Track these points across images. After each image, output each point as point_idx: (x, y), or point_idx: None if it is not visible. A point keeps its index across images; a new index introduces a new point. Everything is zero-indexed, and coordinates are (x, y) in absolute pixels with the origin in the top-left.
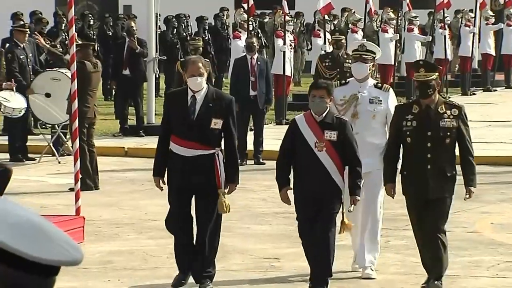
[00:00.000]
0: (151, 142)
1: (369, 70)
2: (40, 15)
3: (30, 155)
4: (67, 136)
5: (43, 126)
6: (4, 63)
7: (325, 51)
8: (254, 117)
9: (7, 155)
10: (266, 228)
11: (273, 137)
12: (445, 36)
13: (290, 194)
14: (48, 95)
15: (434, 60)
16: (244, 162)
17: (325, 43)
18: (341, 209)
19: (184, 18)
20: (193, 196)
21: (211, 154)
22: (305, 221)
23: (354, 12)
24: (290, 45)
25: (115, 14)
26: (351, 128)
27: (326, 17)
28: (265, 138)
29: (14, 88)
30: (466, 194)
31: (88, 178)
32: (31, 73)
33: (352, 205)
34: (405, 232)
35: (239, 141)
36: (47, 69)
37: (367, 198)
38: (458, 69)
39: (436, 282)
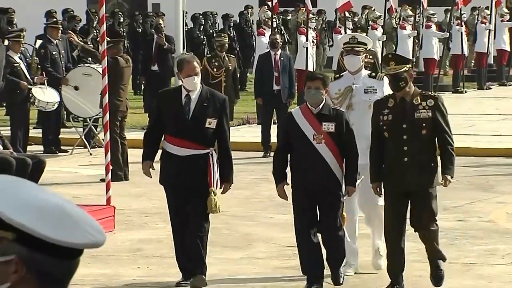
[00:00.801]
0: None
1: (362, 61)
2: (72, 13)
3: (63, 147)
4: (98, 129)
5: (75, 120)
6: (37, 58)
7: None
8: (277, 110)
9: (41, 147)
10: (289, 217)
11: None
12: (461, 33)
13: (287, 189)
14: (76, 88)
15: (451, 55)
16: (268, 154)
17: None
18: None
19: (210, 15)
20: (187, 196)
21: (205, 154)
22: (304, 213)
23: (374, 9)
24: (312, 41)
25: (144, 12)
26: (348, 119)
27: (347, 14)
28: None
29: (45, 82)
30: (441, 181)
31: (118, 170)
32: (63, 68)
33: (345, 196)
34: None
35: (264, 134)
36: (79, 65)
37: (366, 189)
38: (474, 64)
39: (438, 271)
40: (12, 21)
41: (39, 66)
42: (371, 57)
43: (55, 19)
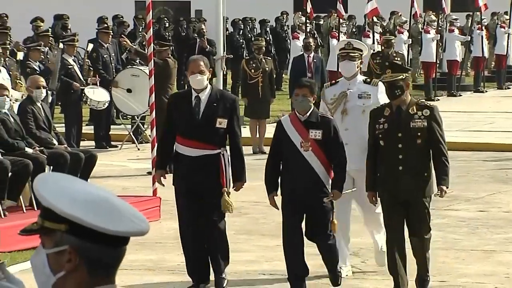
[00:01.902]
0: None
1: (357, 67)
2: (121, 18)
3: (113, 143)
4: (145, 126)
5: (124, 117)
6: (88, 61)
7: (373, 50)
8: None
9: (92, 143)
10: None
11: None
12: (482, 36)
13: (278, 199)
14: (129, 91)
15: (473, 57)
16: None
17: (373, 43)
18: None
19: (249, 21)
20: (200, 197)
21: (216, 154)
22: (292, 218)
23: (400, 15)
24: None
25: (188, 17)
26: (336, 126)
27: (375, 19)
28: None
29: (98, 83)
30: (437, 192)
31: None
32: (113, 70)
33: (331, 198)
34: (446, 212)
35: None
36: (128, 67)
37: (362, 193)
38: (494, 66)
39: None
40: (67, 26)
41: (91, 68)
42: (398, 58)
43: (106, 25)
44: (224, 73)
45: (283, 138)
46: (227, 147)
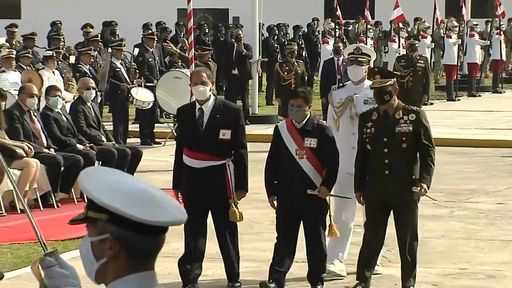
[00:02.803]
0: (255, 129)
1: (365, 72)
2: (164, 25)
3: (156, 140)
4: None
5: (167, 116)
6: (134, 64)
7: (399, 53)
8: None
9: (138, 140)
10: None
11: None
12: (500, 41)
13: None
14: (172, 91)
15: (491, 60)
16: None
17: (399, 46)
18: (328, 213)
19: (283, 26)
20: (209, 208)
21: (221, 165)
22: (285, 222)
23: (424, 21)
24: (371, 48)
25: (226, 23)
26: (332, 133)
27: (401, 25)
28: None
29: (142, 84)
30: (417, 187)
31: None
32: (157, 72)
33: (317, 193)
34: (466, 204)
35: None
36: (170, 69)
37: None
38: (511, 68)
39: None
40: (115, 32)
41: (137, 71)
42: (421, 61)
43: (150, 31)
44: (260, 75)
45: (280, 143)
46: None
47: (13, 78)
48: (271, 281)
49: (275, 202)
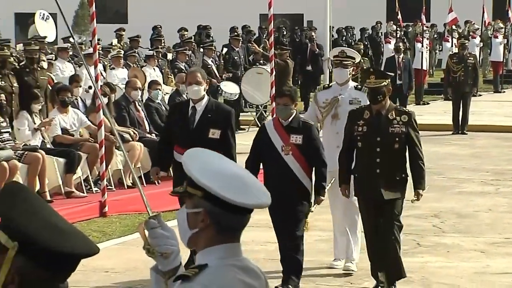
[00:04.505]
0: None
1: (349, 74)
2: (249, 28)
3: (241, 127)
4: (267, 113)
5: (250, 106)
6: (223, 61)
7: (451, 51)
8: (399, 99)
9: None
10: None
11: None
12: None
13: None
14: (255, 85)
15: None
16: None
17: (452, 46)
18: (309, 210)
19: (350, 29)
20: None
21: None
22: (276, 219)
23: (473, 23)
24: (426, 47)
25: (301, 26)
26: (316, 131)
27: (453, 27)
28: None
29: (229, 77)
30: (414, 196)
31: None
32: (242, 69)
33: (315, 205)
34: (510, 182)
35: None
36: (253, 66)
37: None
38: None
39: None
40: (210, 34)
41: (224, 67)
42: (471, 58)
43: (236, 33)
44: (330, 70)
45: (265, 141)
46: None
47: (121, 74)
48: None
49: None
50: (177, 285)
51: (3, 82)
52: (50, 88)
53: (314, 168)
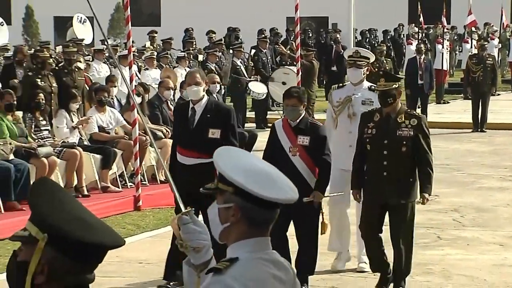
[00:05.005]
0: None
1: (363, 74)
2: (276, 30)
3: (269, 124)
4: None
5: (277, 105)
6: (251, 62)
7: (471, 52)
8: (421, 98)
9: (253, 125)
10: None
11: (434, 112)
12: None
13: None
14: (284, 83)
15: None
16: None
17: (471, 47)
18: (321, 211)
19: (373, 31)
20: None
21: (210, 163)
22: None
23: (492, 25)
24: (447, 48)
25: (326, 29)
26: (325, 133)
27: (473, 29)
28: (428, 113)
29: (258, 79)
30: (419, 199)
31: None
32: (270, 69)
33: (313, 198)
34: None
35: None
36: (281, 67)
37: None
38: None
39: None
40: (238, 36)
41: (253, 68)
42: (490, 59)
43: (264, 35)
44: None
45: (275, 141)
46: None
47: (154, 74)
48: None
49: None
50: (209, 277)
51: (43, 83)
52: (88, 88)
53: (319, 168)
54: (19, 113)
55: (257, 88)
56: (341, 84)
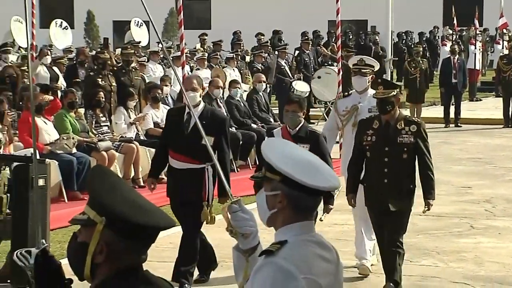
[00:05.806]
0: None
1: (368, 82)
2: (318, 32)
3: (311, 120)
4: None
5: (319, 102)
6: (295, 63)
7: (502, 53)
8: (454, 96)
9: None
10: (462, 167)
11: (467, 109)
12: None
13: None
14: (319, 77)
15: None
16: (447, 126)
17: (503, 48)
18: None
19: (409, 33)
20: (183, 205)
21: (200, 168)
22: None
23: None
24: (479, 49)
25: (365, 31)
26: (324, 140)
27: (504, 30)
28: (462, 110)
29: (301, 78)
30: (425, 207)
31: None
32: (312, 69)
33: (325, 214)
34: None
35: (445, 111)
36: (322, 66)
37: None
38: None
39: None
40: (281, 38)
41: (296, 68)
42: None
43: (307, 37)
44: (391, 70)
45: None
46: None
47: (205, 74)
48: None
49: None
50: (261, 259)
51: (103, 82)
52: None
53: None
54: (81, 110)
55: (300, 86)
56: (346, 93)
